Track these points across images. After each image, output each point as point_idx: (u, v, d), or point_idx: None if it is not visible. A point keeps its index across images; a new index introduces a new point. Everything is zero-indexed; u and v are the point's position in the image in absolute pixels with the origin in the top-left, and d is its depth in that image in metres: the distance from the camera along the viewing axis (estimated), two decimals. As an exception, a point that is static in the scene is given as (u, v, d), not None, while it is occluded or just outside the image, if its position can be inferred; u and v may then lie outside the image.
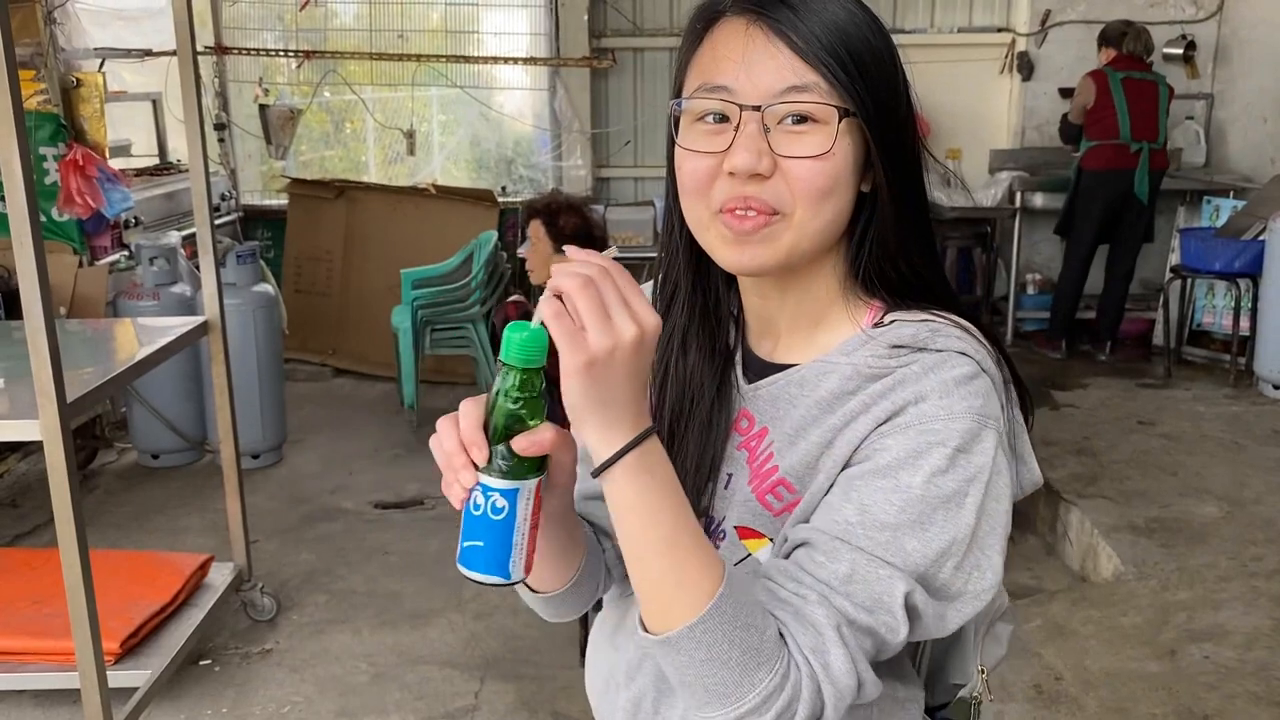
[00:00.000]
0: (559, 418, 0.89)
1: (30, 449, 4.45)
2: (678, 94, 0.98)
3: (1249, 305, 5.39)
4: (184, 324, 3.18)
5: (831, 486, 0.93)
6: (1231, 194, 5.92)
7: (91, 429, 4.87)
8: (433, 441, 0.88)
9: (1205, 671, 2.95)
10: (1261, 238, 5.28)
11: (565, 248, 0.90)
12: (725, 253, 0.95)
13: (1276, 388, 5.17)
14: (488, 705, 3.01)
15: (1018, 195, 6.16)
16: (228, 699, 3.05)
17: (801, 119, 0.91)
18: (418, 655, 3.27)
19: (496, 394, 0.85)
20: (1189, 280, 5.74)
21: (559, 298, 0.82)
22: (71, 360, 2.65)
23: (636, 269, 5.53)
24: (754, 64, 0.91)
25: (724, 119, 0.92)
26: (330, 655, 3.27)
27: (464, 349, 5.49)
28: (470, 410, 0.86)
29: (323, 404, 5.64)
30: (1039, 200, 6.24)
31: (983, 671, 1.09)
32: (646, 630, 0.88)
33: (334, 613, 3.53)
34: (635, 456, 0.84)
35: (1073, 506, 3.89)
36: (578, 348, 0.80)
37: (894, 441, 0.90)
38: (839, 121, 0.90)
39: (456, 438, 0.86)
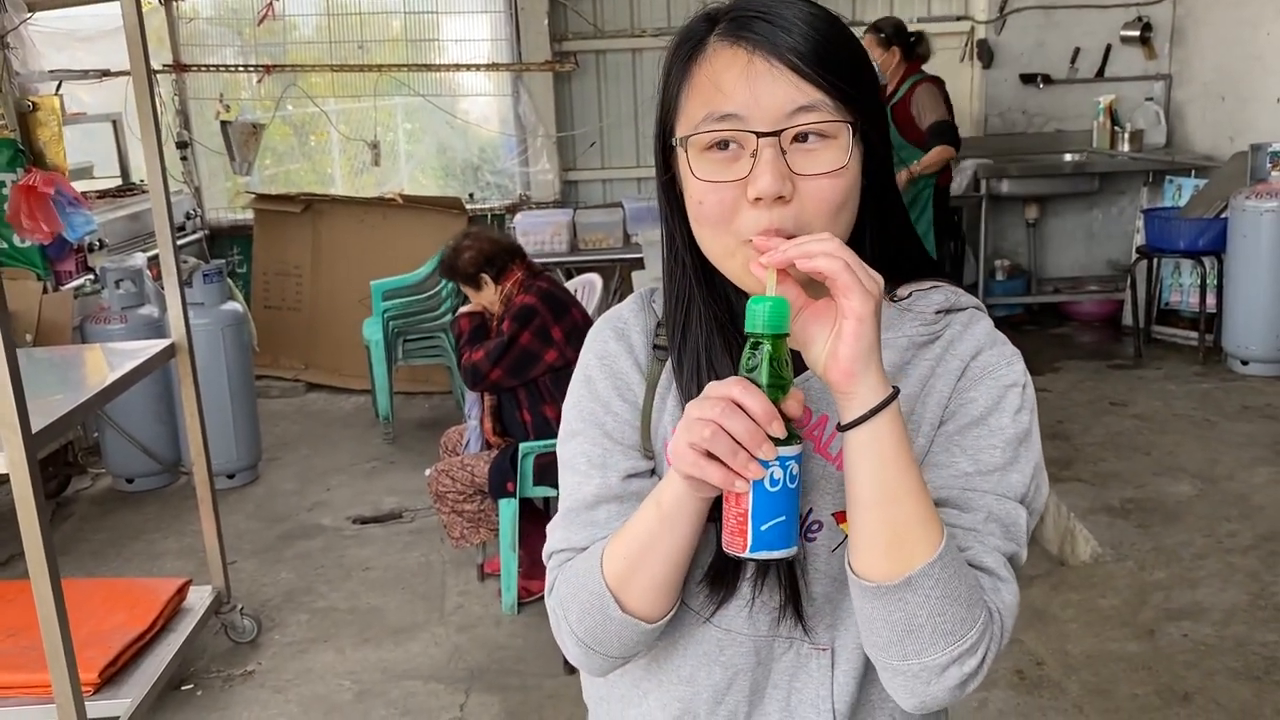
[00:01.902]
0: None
1: (1, 478, 4.40)
2: (664, 122, 1.00)
3: (1215, 283, 5.44)
4: (150, 347, 3.15)
5: (930, 448, 1.00)
6: (1193, 173, 5.98)
7: (64, 455, 4.82)
8: (709, 436, 0.85)
9: (1184, 650, 2.98)
10: (1224, 215, 5.33)
11: (755, 240, 0.92)
12: (753, 280, 0.95)
13: (1245, 363, 5.22)
14: (474, 718, 3.00)
15: (983, 182, 6.20)
16: (211, 723, 3.03)
17: (808, 135, 0.94)
18: (401, 670, 3.25)
19: (755, 368, 0.87)
20: (1155, 260, 5.79)
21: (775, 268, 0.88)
22: (38, 388, 2.62)
23: (608, 271, 5.55)
24: (759, 89, 0.93)
25: (737, 146, 0.94)
26: (313, 674, 3.25)
27: (437, 358, 5.48)
28: (752, 390, 0.86)
29: (297, 420, 5.61)
30: (1004, 187, 6.29)
31: None
32: (871, 579, 0.91)
33: (316, 631, 3.51)
34: (896, 404, 0.89)
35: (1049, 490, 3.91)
36: (867, 293, 0.86)
37: (977, 393, 1.00)
38: (852, 135, 0.94)
39: (748, 420, 0.85)
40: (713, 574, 1.02)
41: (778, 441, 0.86)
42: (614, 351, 1.10)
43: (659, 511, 0.95)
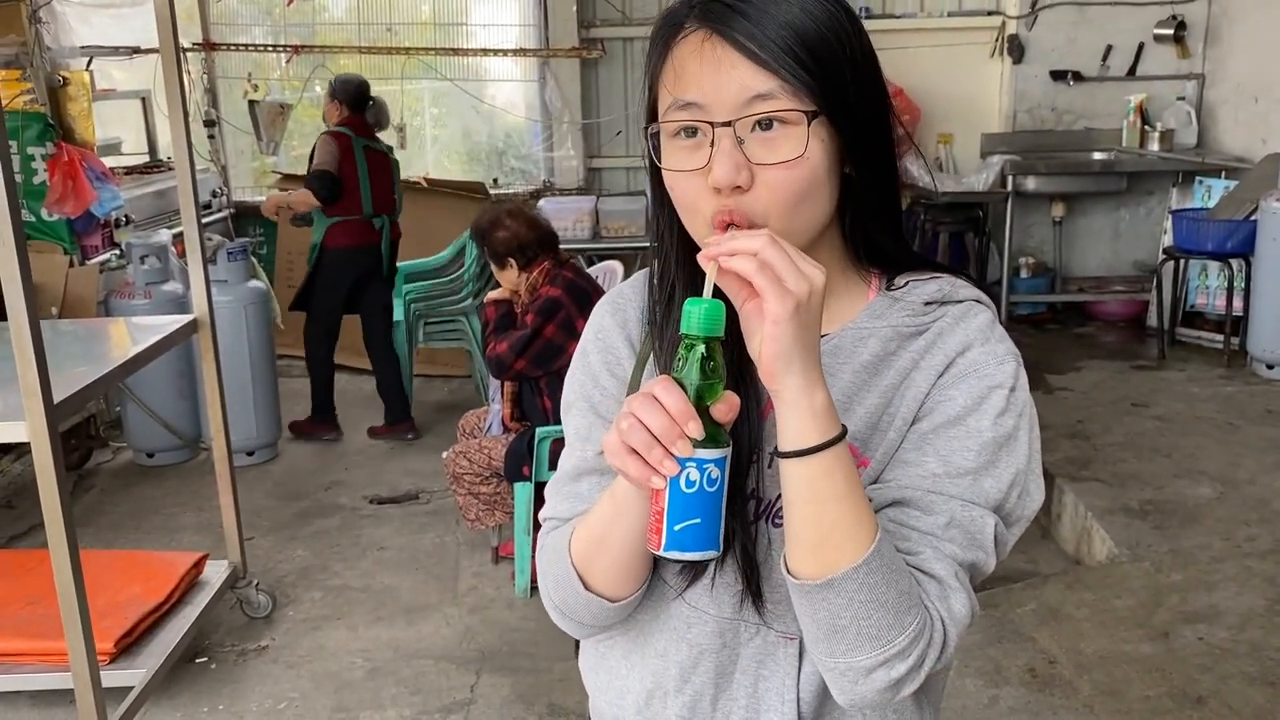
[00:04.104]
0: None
1: (24, 449, 4.45)
2: (652, 109, 1.00)
3: (1242, 285, 5.39)
4: (173, 322, 3.18)
5: (901, 443, 0.99)
6: (1223, 174, 5.91)
7: (86, 428, 4.87)
8: (626, 428, 0.86)
9: (1199, 653, 2.96)
10: (1254, 218, 5.28)
11: (710, 240, 0.90)
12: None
13: (1270, 368, 5.17)
14: (484, 699, 3.02)
15: (1009, 179, 6.15)
16: (224, 696, 3.06)
17: (770, 124, 0.93)
18: (413, 650, 3.27)
19: (684, 369, 0.87)
20: (1182, 261, 5.74)
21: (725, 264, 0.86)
22: (61, 360, 2.65)
23: (629, 259, 5.54)
24: (717, 77, 0.93)
25: (700, 134, 0.94)
26: (326, 651, 3.28)
27: (457, 341, 5.49)
28: (671, 388, 0.86)
29: (317, 399, 5.63)
30: (1031, 184, 6.24)
31: None
32: (798, 576, 0.91)
33: (329, 609, 3.53)
34: (831, 400, 0.89)
35: (1066, 489, 3.90)
36: (784, 295, 0.84)
37: (957, 392, 0.98)
38: (808, 125, 0.92)
39: (665, 416, 0.85)
40: None
41: (700, 444, 0.85)
42: (608, 327, 1.12)
43: (613, 501, 0.97)
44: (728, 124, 0.92)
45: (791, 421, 0.88)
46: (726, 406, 0.88)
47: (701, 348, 0.86)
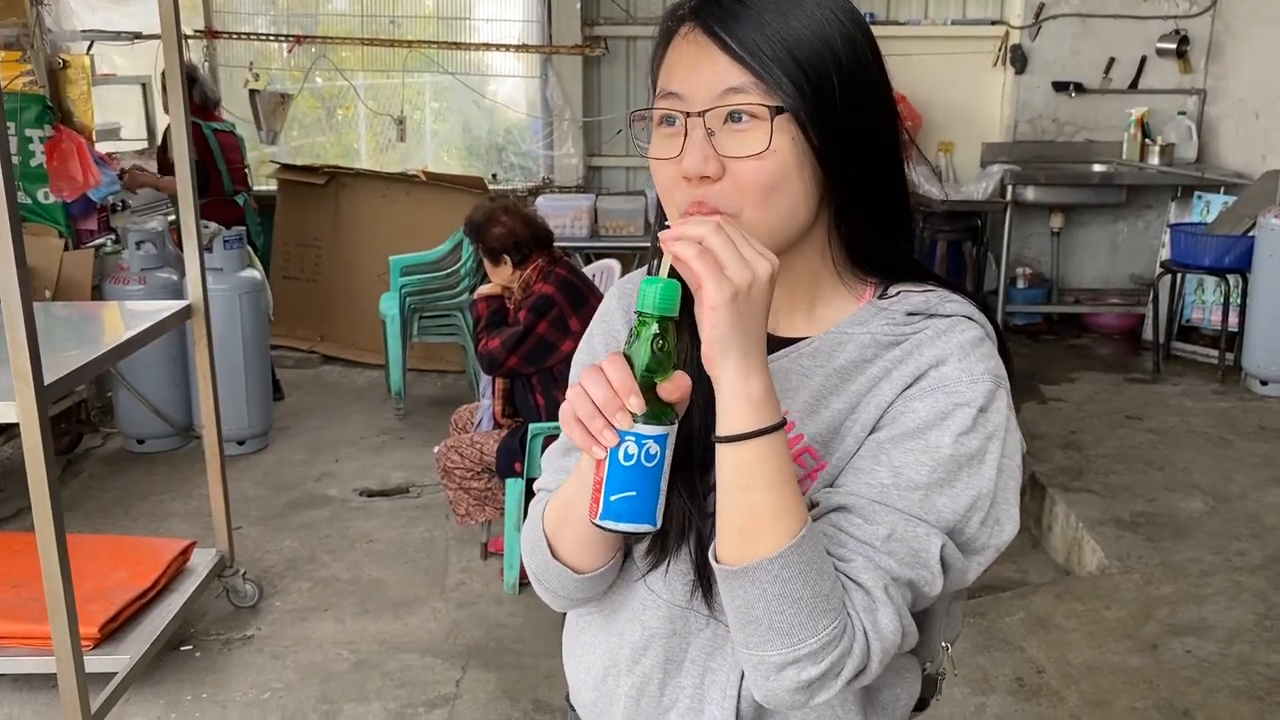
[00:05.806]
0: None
1: (14, 431, 4.42)
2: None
3: (1238, 301, 5.39)
4: (167, 308, 3.16)
5: (858, 450, 0.97)
6: (1222, 190, 5.92)
7: (77, 413, 4.85)
8: (574, 397, 0.89)
9: (1187, 666, 2.95)
10: (1251, 234, 5.28)
11: (668, 222, 0.93)
12: None
13: (1264, 384, 5.17)
14: (469, 693, 3.01)
15: (1009, 189, 6.16)
16: (208, 685, 3.04)
17: (741, 117, 0.94)
18: (400, 643, 3.26)
19: (635, 346, 0.89)
20: (1179, 275, 5.75)
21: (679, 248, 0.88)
22: (54, 343, 2.64)
23: (627, 258, 5.54)
24: (696, 69, 0.95)
25: (679, 124, 0.96)
26: (312, 642, 3.26)
27: (452, 336, 5.48)
28: (617, 363, 0.88)
29: (310, 391, 5.62)
30: (1030, 194, 6.25)
31: (946, 647, 1.14)
32: (720, 562, 0.92)
33: (316, 600, 3.52)
34: (771, 390, 0.89)
35: (1058, 500, 3.90)
36: (723, 281, 0.85)
37: (921, 405, 0.95)
38: (771, 119, 0.93)
39: (608, 387, 0.87)
40: (656, 534, 1.03)
41: (642, 419, 0.87)
42: (613, 310, 1.17)
43: (578, 473, 1.00)
44: (700, 114, 0.94)
45: (728, 407, 0.89)
46: (674, 385, 0.89)
47: (654, 326, 0.88)
